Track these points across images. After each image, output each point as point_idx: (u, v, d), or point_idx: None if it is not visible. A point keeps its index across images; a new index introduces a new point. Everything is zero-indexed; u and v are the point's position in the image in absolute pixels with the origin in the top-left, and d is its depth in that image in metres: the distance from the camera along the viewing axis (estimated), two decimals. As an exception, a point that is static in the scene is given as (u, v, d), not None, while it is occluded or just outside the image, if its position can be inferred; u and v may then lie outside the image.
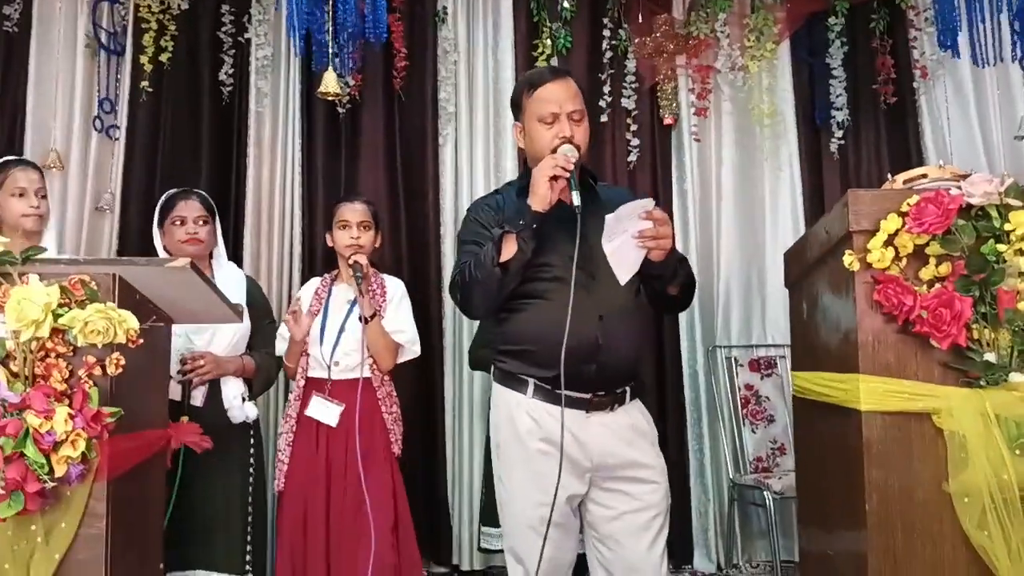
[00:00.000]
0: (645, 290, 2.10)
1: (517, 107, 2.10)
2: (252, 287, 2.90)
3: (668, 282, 2.06)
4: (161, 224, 2.79)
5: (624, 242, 1.93)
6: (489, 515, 3.34)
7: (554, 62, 3.95)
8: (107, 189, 3.72)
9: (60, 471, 1.53)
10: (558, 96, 2.01)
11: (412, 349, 2.94)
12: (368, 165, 3.92)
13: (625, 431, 2.03)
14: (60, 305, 1.59)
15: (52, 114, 3.68)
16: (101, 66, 3.76)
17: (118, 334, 1.59)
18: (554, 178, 1.89)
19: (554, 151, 1.94)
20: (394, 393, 2.94)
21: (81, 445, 1.54)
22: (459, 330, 3.85)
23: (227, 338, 2.68)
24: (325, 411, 2.77)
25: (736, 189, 4.07)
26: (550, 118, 2.00)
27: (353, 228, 2.91)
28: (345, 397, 2.78)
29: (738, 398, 3.92)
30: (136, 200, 3.73)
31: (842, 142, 4.08)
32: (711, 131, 4.09)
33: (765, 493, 3.48)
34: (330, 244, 3.01)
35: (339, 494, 2.74)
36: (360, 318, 2.80)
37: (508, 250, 1.91)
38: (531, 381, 2.00)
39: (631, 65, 4.00)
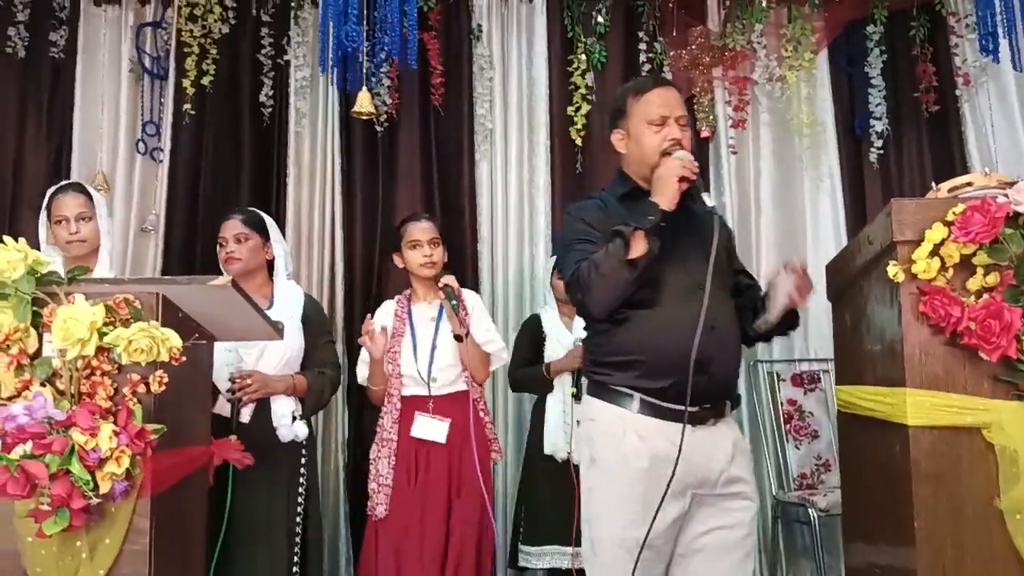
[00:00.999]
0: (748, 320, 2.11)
1: (620, 113, 2.09)
2: (310, 304, 2.90)
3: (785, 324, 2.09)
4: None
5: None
6: (529, 533, 3.32)
7: (589, 77, 3.97)
8: (151, 210, 3.79)
9: (105, 487, 1.55)
10: (667, 100, 2.03)
11: (501, 356, 3.01)
12: (406, 183, 3.95)
13: (728, 445, 2.01)
14: (105, 324, 1.62)
15: (98, 137, 3.79)
16: (145, 90, 3.86)
17: (161, 352, 1.61)
18: (682, 180, 1.90)
19: (665, 154, 1.96)
20: (484, 398, 2.99)
21: (125, 462, 1.56)
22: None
23: (277, 355, 2.67)
24: (432, 428, 2.78)
25: (775, 201, 4.03)
26: (659, 120, 2.00)
27: (425, 246, 2.93)
28: (448, 412, 2.80)
29: (781, 414, 3.85)
30: (180, 221, 3.80)
31: (882, 152, 4.03)
32: (748, 143, 4.05)
33: (810, 510, 3.41)
34: (400, 265, 3.02)
35: (437, 513, 2.74)
36: (456, 337, 2.80)
37: (638, 247, 1.88)
38: (637, 396, 1.96)
39: (667, 78, 3.97)
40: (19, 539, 1.62)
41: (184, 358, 1.68)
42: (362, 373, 2.96)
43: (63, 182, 2.83)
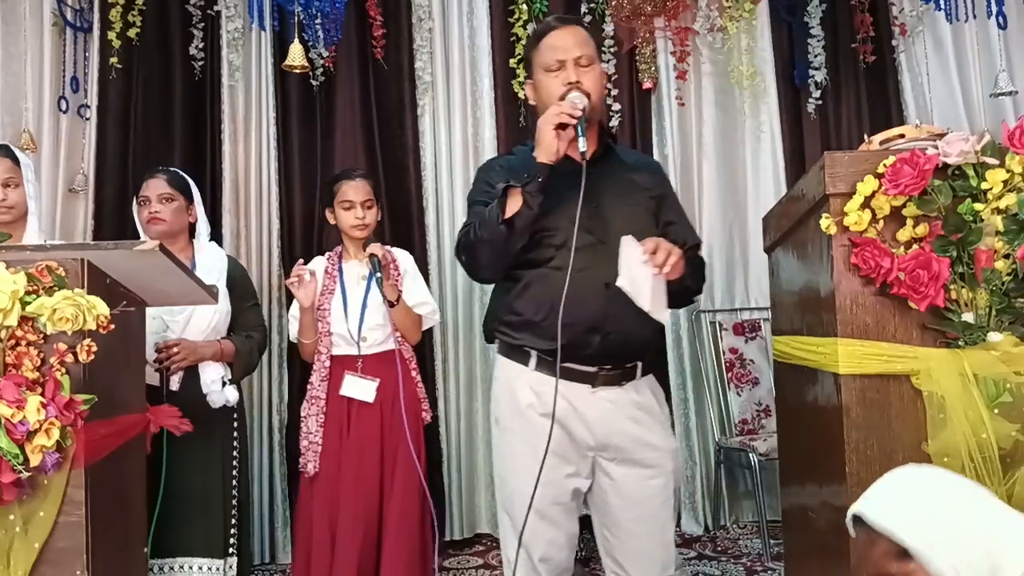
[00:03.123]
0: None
1: (527, 64, 2.03)
2: (234, 268, 2.84)
3: (688, 280, 1.98)
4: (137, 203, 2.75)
5: (640, 279, 1.79)
6: None
7: (530, 27, 3.90)
8: (80, 170, 3.66)
9: (35, 460, 1.52)
10: (564, 42, 1.93)
11: (433, 318, 2.98)
12: (345, 138, 3.87)
13: (631, 408, 1.96)
14: (28, 293, 1.56)
15: (22, 95, 3.61)
16: (68, 44, 3.69)
17: (87, 321, 1.57)
18: (561, 127, 1.79)
19: (562, 99, 1.86)
20: (415, 359, 2.96)
21: (55, 433, 1.53)
22: (443, 302, 3.83)
23: (204, 321, 2.63)
24: (360, 388, 2.75)
25: (717, 152, 4.05)
26: (556, 65, 1.92)
27: (357, 208, 2.87)
28: (377, 372, 2.78)
29: (723, 362, 3.93)
30: (110, 180, 3.67)
31: (821, 102, 4.06)
32: (691, 94, 4.05)
33: (750, 455, 3.50)
34: (332, 221, 2.97)
35: (370, 471, 2.73)
36: (386, 303, 2.75)
37: (513, 205, 1.81)
38: (534, 353, 1.93)
39: (609, 29, 3.94)
40: (-51, 514, 1.58)
41: (112, 326, 1.64)
42: (293, 329, 2.92)
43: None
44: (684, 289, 2.00)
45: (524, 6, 3.90)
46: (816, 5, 4.00)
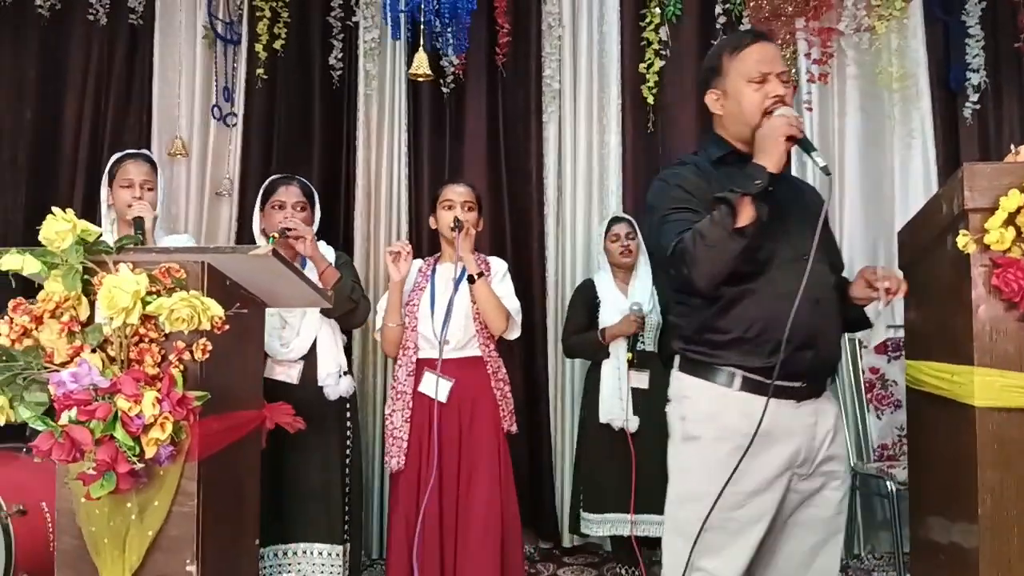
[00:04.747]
0: None
1: (714, 72, 1.96)
2: (340, 259, 2.90)
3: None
4: (263, 207, 2.86)
5: None
6: (590, 501, 3.31)
7: (663, 31, 3.82)
8: (225, 175, 3.87)
9: (150, 452, 1.59)
10: (767, 55, 1.89)
11: (516, 321, 2.90)
12: (472, 145, 3.92)
13: (830, 421, 1.92)
14: (149, 293, 1.65)
15: (176, 104, 3.86)
16: (218, 56, 3.91)
17: (202, 321, 1.63)
18: (789, 139, 1.76)
19: (766, 112, 1.83)
20: (503, 370, 2.93)
21: (169, 428, 1.60)
22: (560, 309, 3.81)
23: (317, 314, 2.73)
24: (436, 386, 2.77)
25: (861, 160, 3.81)
26: (759, 77, 1.86)
27: (457, 208, 2.89)
28: (456, 374, 2.79)
29: (862, 382, 3.69)
30: (253, 185, 3.83)
31: (979, 107, 3.77)
32: (833, 98, 3.83)
33: (888, 483, 3.26)
34: (433, 226, 3.01)
35: (451, 471, 2.75)
36: (468, 278, 2.76)
37: (746, 214, 1.73)
38: (739, 374, 1.86)
39: (765, 32, 3.78)
40: (75, 498, 1.68)
41: (227, 326, 1.70)
42: (378, 322, 2.93)
43: (130, 150, 2.90)
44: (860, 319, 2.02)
45: (657, 9, 3.82)
46: (975, 3, 3.71)
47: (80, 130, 3.81)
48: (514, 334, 2.92)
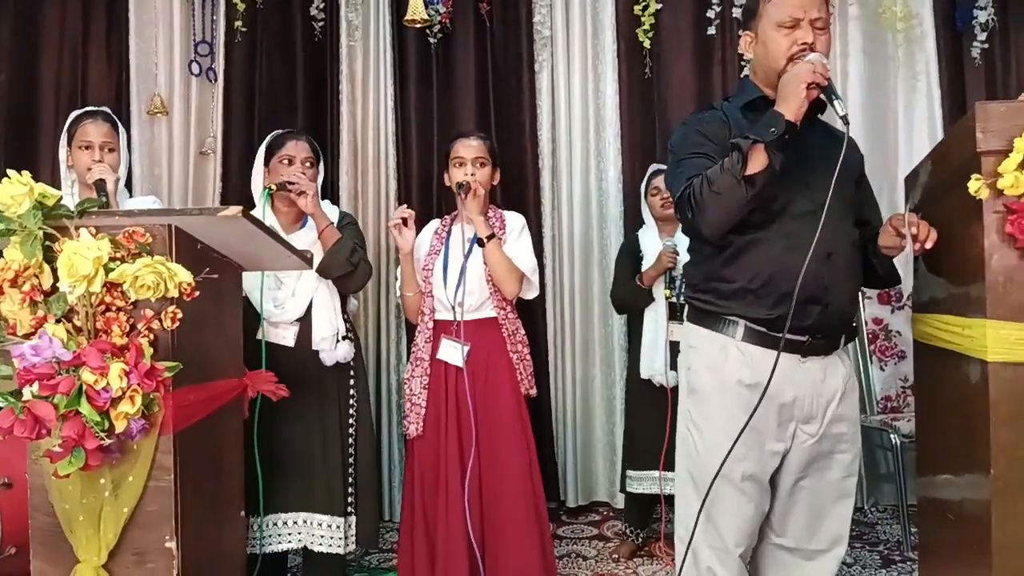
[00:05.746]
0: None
1: (751, 13, 1.91)
2: (344, 219, 2.80)
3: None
4: (267, 163, 2.74)
5: None
6: (631, 458, 3.27)
7: (656, -27, 3.66)
8: (209, 133, 3.75)
9: (120, 427, 1.52)
10: (802, 0, 1.81)
11: (533, 281, 2.80)
12: (462, 97, 3.78)
13: (839, 380, 1.88)
14: (112, 259, 1.56)
15: (154, 60, 3.72)
16: (196, 9, 3.75)
17: (169, 288, 1.55)
18: (809, 86, 1.69)
19: (791, 59, 1.78)
20: (522, 331, 2.84)
21: (139, 401, 1.52)
22: (559, 266, 3.72)
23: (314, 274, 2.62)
24: (452, 351, 2.70)
25: (864, 103, 3.69)
26: (790, 22, 1.80)
27: (468, 165, 2.77)
28: (471, 337, 2.70)
29: (865, 333, 3.62)
30: (237, 142, 3.74)
31: (987, 46, 3.63)
32: (835, 40, 3.67)
33: (892, 436, 3.21)
34: (447, 183, 2.89)
35: (468, 436, 2.67)
36: (476, 241, 2.67)
37: (757, 161, 1.70)
38: (742, 323, 1.84)
39: (738, -31, 3.64)
40: (45, 475, 1.62)
41: (197, 293, 1.62)
42: (398, 288, 2.87)
43: (89, 108, 2.78)
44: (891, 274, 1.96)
45: (650, -51, 3.66)
46: (983, -64, 3.55)
47: (59, 91, 3.67)
48: (531, 294, 2.83)
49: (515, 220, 2.86)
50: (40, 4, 3.67)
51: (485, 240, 2.67)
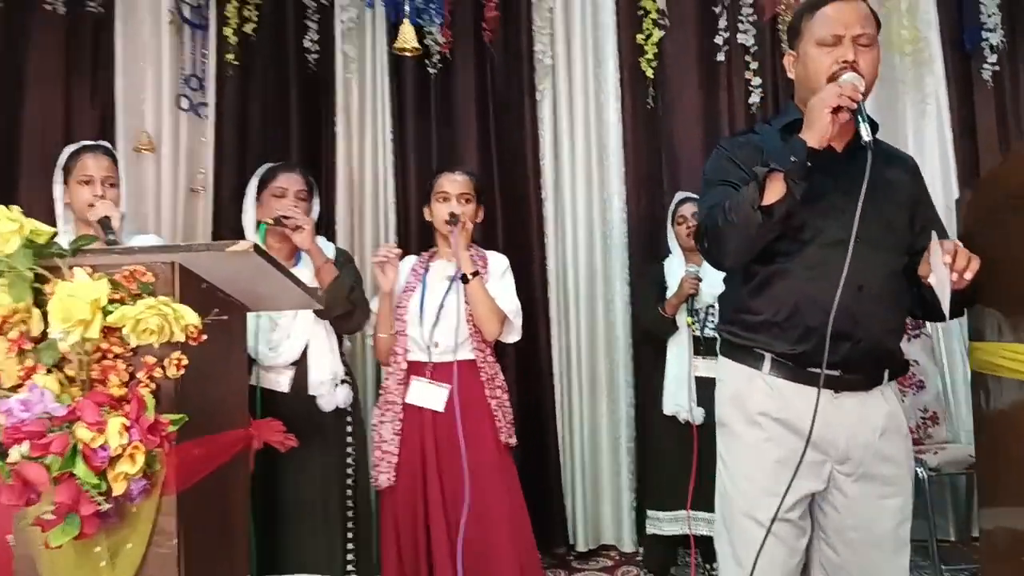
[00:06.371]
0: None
1: (795, 32, 1.82)
2: (341, 256, 2.68)
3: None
4: (259, 197, 2.60)
5: (943, 280, 1.59)
6: (657, 498, 3.14)
7: (660, 0, 3.59)
8: (200, 169, 3.60)
9: (119, 489, 1.36)
10: (844, 17, 1.72)
11: (515, 324, 2.68)
12: (462, 129, 3.67)
13: (879, 417, 1.76)
14: (111, 301, 1.41)
15: (142, 95, 3.58)
16: (186, 42, 3.63)
17: (175, 332, 1.40)
18: (837, 110, 1.60)
19: (832, 78, 1.68)
20: (501, 376, 2.69)
21: (140, 459, 1.36)
22: (563, 300, 3.59)
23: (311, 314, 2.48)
24: (429, 395, 2.55)
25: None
26: (831, 40, 1.71)
27: (453, 200, 2.66)
28: (447, 380, 2.55)
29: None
30: (229, 179, 3.58)
31: (997, 68, 3.58)
32: (843, 65, 3.62)
33: (919, 470, 3.07)
34: (428, 218, 2.77)
35: (450, 484, 2.52)
36: (460, 277, 2.55)
37: (774, 191, 1.62)
38: (768, 356, 1.76)
39: (748, -5, 3.58)
40: (33, 544, 1.44)
41: (204, 336, 1.46)
42: (369, 328, 2.73)
43: (86, 142, 2.63)
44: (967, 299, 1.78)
45: (653, -25, 3.60)
46: (989, -43, 3.51)
47: (42, 128, 3.52)
48: (512, 337, 2.69)
49: (499, 261, 2.75)
50: (21, 36, 3.53)
51: (470, 276, 2.54)
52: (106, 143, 2.63)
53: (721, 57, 3.59)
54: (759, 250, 1.72)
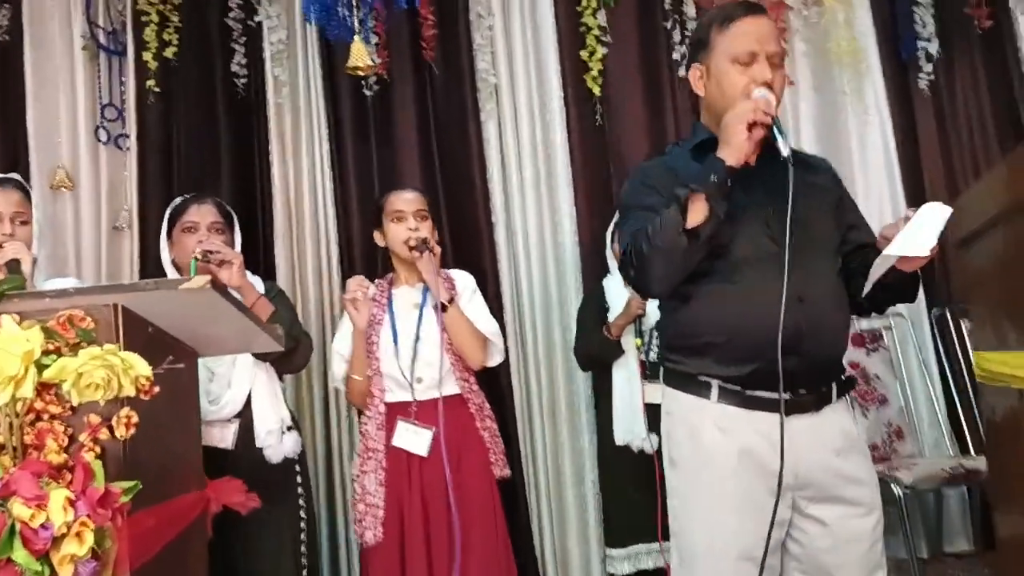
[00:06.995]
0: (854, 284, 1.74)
1: (702, 45, 1.74)
2: (272, 290, 2.50)
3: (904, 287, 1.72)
4: (170, 234, 2.41)
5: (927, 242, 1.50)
6: (612, 535, 3.01)
7: (601, 14, 3.52)
8: (123, 206, 3.36)
9: (65, 573, 1.14)
10: (760, 32, 1.68)
11: (498, 346, 2.54)
12: (403, 149, 3.51)
13: (833, 437, 1.69)
14: (46, 352, 1.20)
15: (56, 128, 3.33)
16: (103, 69, 3.40)
17: (124, 385, 1.20)
18: (751, 126, 1.56)
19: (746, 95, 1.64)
20: (488, 407, 2.55)
21: (89, 537, 1.15)
22: (521, 329, 3.44)
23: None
24: (413, 438, 2.37)
25: (818, 139, 3.60)
26: (746, 57, 1.66)
27: (410, 219, 2.50)
28: (434, 420, 2.38)
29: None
30: (154, 215, 3.30)
31: (933, 77, 3.61)
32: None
33: (893, 487, 3.00)
34: (381, 243, 2.60)
35: (439, 536, 2.34)
36: (436, 306, 2.39)
37: (697, 213, 1.57)
38: (715, 383, 1.68)
39: (691, 10, 3.53)
40: (-40, 646, 1.22)
41: (157, 388, 1.27)
42: (338, 369, 2.54)
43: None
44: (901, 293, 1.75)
45: (593, -9, 3.52)
46: (919, -33, 3.56)
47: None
48: (495, 360, 2.55)
49: (465, 279, 2.61)
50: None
51: (447, 304, 2.39)
52: (16, 175, 2.38)
53: (666, 72, 3.54)
54: (688, 273, 1.67)
